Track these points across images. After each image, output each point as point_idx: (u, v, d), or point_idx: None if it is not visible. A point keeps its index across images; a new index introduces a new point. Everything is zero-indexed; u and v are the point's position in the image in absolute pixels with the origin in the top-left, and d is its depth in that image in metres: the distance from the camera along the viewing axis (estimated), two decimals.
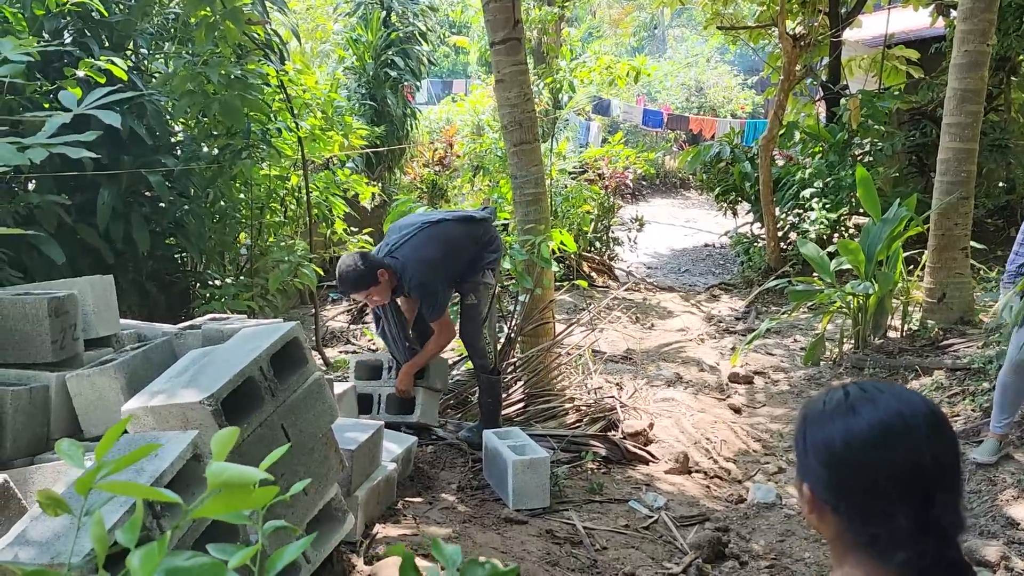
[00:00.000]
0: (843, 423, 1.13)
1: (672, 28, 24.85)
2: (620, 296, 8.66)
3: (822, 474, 1.15)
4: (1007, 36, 8.16)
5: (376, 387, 4.42)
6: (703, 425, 5.24)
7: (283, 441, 2.48)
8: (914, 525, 1.06)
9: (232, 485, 0.79)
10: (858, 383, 1.20)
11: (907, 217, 6.21)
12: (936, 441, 1.08)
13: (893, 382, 1.16)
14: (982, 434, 4.48)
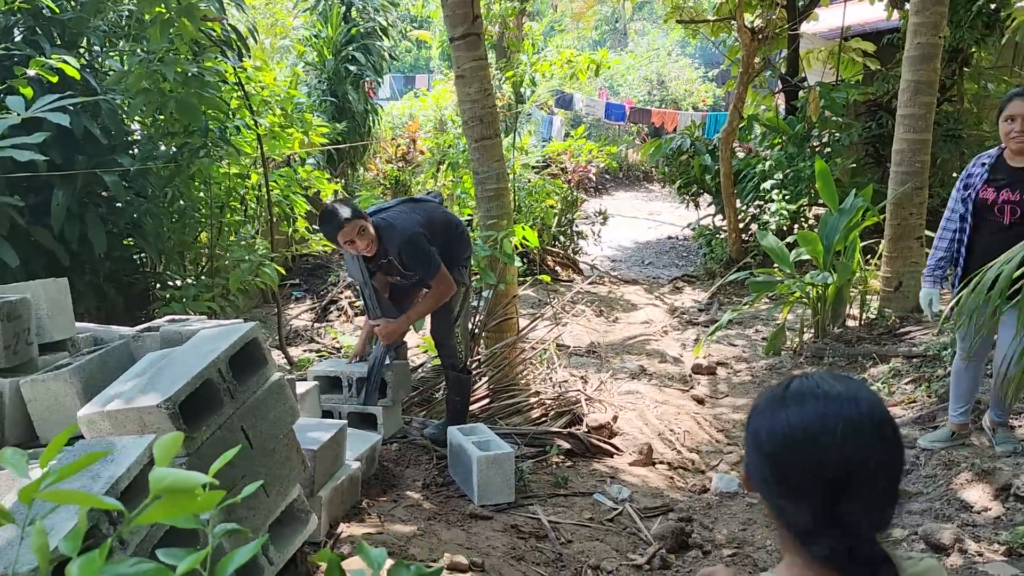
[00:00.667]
0: (770, 416, 1.18)
1: (634, 22, 24.97)
2: (584, 290, 8.71)
3: (751, 460, 1.21)
4: (959, 28, 8.32)
5: (336, 404, 4.37)
6: (667, 416, 5.29)
7: (243, 443, 2.46)
8: (820, 521, 1.11)
9: (175, 490, 0.78)
10: (808, 377, 1.22)
11: (864, 208, 6.32)
12: (855, 444, 1.11)
13: (851, 375, 1.21)
14: (938, 420, 4.59)
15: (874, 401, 1.17)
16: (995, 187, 3.76)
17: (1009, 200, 3.70)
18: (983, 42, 8.60)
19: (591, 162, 10.51)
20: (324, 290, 8.24)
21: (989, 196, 3.77)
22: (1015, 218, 3.67)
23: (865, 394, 1.17)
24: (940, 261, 4.01)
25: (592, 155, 10.51)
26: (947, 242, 3.97)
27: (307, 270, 8.86)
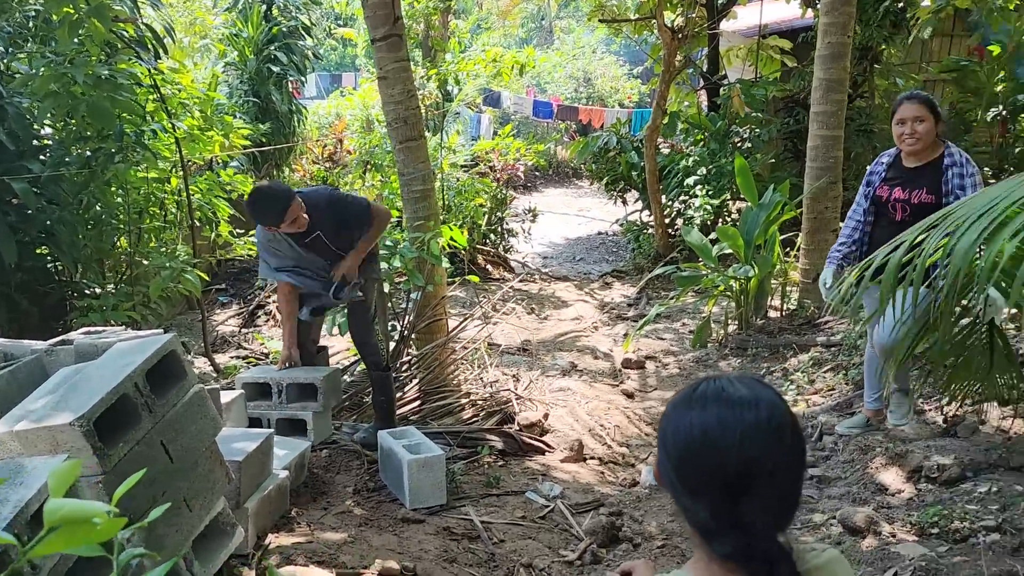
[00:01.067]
0: (677, 419, 1.22)
1: (559, 20, 25.15)
2: (515, 288, 8.75)
3: (660, 460, 1.25)
4: (868, 27, 8.64)
5: (265, 410, 4.30)
6: (597, 412, 5.37)
7: (163, 459, 2.41)
8: (721, 521, 1.15)
9: (73, 521, 0.77)
10: (715, 380, 1.25)
11: (782, 202, 6.52)
12: (754, 448, 1.14)
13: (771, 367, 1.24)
14: (855, 406, 4.76)
15: (775, 405, 1.20)
16: (890, 185, 3.95)
17: (899, 199, 3.88)
18: (891, 40, 8.95)
19: (519, 160, 10.56)
20: (251, 295, 8.09)
21: (884, 193, 3.96)
22: (905, 215, 3.86)
23: (767, 398, 1.20)
24: (841, 247, 4.19)
25: (520, 153, 10.57)
26: (850, 231, 4.16)
27: (233, 275, 8.68)
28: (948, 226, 2.63)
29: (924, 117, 3.79)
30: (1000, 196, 2.54)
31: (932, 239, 2.65)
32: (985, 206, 2.52)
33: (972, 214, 2.53)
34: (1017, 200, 2.44)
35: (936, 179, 3.79)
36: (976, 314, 3.38)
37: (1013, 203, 2.44)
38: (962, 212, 2.63)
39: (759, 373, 5.89)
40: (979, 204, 2.57)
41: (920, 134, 3.81)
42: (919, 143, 3.83)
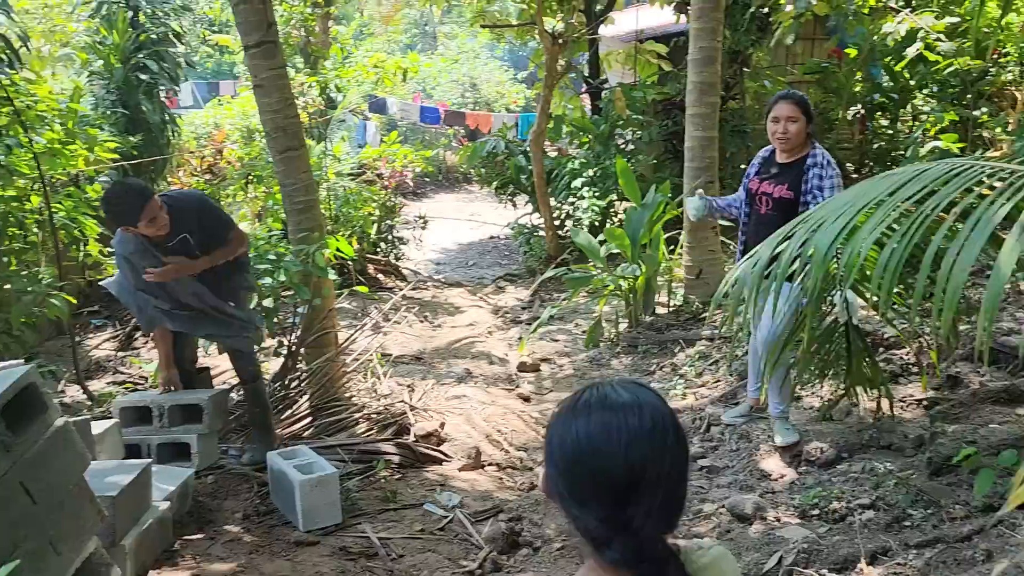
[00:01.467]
0: (561, 429, 1.21)
1: (443, 25, 25.13)
2: (408, 296, 8.66)
3: (548, 471, 1.24)
4: (736, 32, 9.00)
5: (145, 435, 4.09)
6: (494, 418, 5.36)
7: (24, 500, 2.24)
8: (609, 527, 1.15)
9: None
10: (599, 387, 1.25)
11: (663, 202, 6.70)
12: (638, 453, 1.15)
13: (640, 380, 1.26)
14: (739, 396, 4.94)
15: (657, 408, 1.21)
16: (760, 179, 4.14)
17: (765, 192, 4.07)
18: (759, 44, 9.36)
19: (407, 167, 10.46)
20: (128, 316, 7.68)
21: (754, 186, 4.15)
22: (768, 209, 4.05)
23: (650, 401, 1.21)
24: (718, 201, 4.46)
25: (408, 160, 10.47)
26: (732, 199, 4.39)
27: (108, 296, 8.20)
28: (810, 227, 2.74)
29: (796, 117, 3.96)
30: (857, 197, 2.67)
31: (796, 238, 2.75)
32: (843, 207, 2.64)
33: (831, 215, 2.64)
34: (872, 200, 2.57)
35: (798, 177, 3.97)
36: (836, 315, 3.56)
37: (867, 203, 2.57)
38: (821, 213, 2.74)
39: (650, 369, 6.04)
40: (838, 205, 2.70)
41: (791, 133, 3.98)
42: (790, 141, 4.00)
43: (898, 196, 2.50)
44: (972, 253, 2.14)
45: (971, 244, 2.15)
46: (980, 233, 2.16)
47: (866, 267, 3.06)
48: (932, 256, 2.24)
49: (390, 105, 17.08)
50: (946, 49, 8.05)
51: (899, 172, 2.68)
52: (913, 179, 2.55)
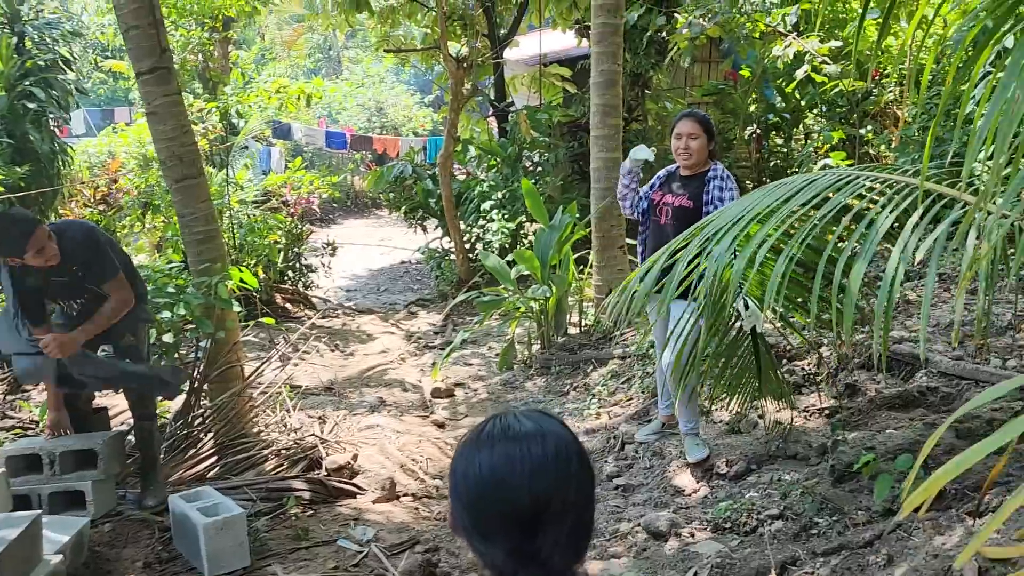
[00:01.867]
0: (465, 463, 1.20)
1: (347, 50, 24.95)
2: (317, 325, 8.48)
3: (453, 506, 1.22)
4: (637, 55, 9.24)
5: (35, 485, 3.84)
6: (408, 447, 5.28)
7: None
8: (516, 560, 1.14)
9: None
10: (502, 417, 1.24)
11: (571, 223, 6.78)
12: (542, 483, 1.14)
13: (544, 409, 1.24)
14: (651, 413, 5.01)
15: (561, 436, 1.20)
16: (661, 191, 4.25)
17: (667, 203, 4.17)
18: (658, 67, 9.62)
19: (313, 193, 10.29)
20: None
21: (656, 198, 4.25)
22: (668, 219, 4.15)
23: (553, 430, 1.20)
24: None
25: (314, 186, 10.30)
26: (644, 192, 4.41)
27: None
28: (707, 234, 2.79)
29: (697, 134, 4.09)
30: (750, 205, 2.74)
31: (693, 245, 2.80)
32: (737, 216, 2.71)
33: (727, 223, 2.71)
34: (766, 208, 2.65)
35: (699, 188, 4.10)
36: (741, 324, 3.65)
37: (760, 212, 2.65)
38: (718, 221, 2.81)
39: (563, 390, 6.07)
40: (732, 213, 2.77)
41: (693, 149, 4.10)
42: (692, 157, 4.12)
43: (791, 204, 2.59)
44: (864, 263, 2.22)
45: (863, 255, 2.24)
46: (871, 244, 2.25)
47: (763, 274, 3.15)
48: (824, 263, 2.32)
49: (295, 131, 16.82)
50: (832, 71, 8.46)
51: (791, 181, 2.77)
52: (805, 187, 2.65)
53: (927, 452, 1.31)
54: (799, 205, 2.54)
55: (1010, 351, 4.15)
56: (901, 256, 2.14)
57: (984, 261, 1.89)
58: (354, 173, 18.59)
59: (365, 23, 13.19)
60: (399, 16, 12.02)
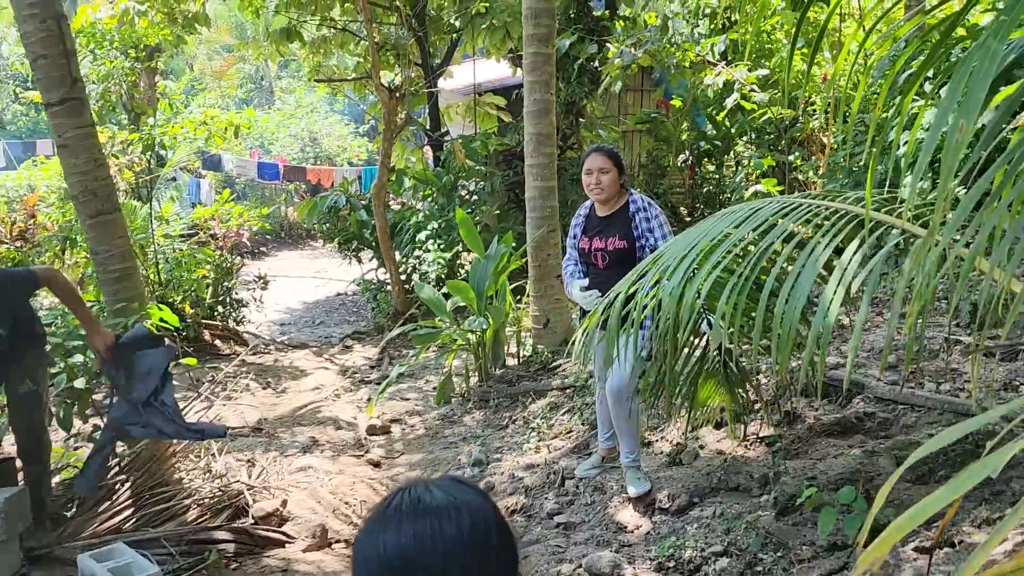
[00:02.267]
0: (368, 540, 1.07)
1: (280, 80, 24.64)
2: (247, 361, 8.19)
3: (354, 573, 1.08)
4: (570, 84, 9.27)
5: None
6: (342, 489, 5.06)
7: None
8: None
9: None
10: (410, 490, 1.11)
11: (507, 252, 6.69)
12: (458, 564, 1.03)
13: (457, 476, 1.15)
14: (591, 447, 4.90)
15: (477, 507, 1.08)
16: (588, 236, 4.16)
17: (598, 248, 4.09)
18: (591, 96, 9.67)
19: (243, 225, 10.00)
20: None
21: (585, 245, 4.16)
22: (606, 263, 4.07)
23: (467, 501, 1.08)
24: (569, 261, 4.29)
25: (243, 218, 10.02)
26: (573, 262, 4.27)
27: None
28: (657, 272, 2.73)
29: (608, 168, 4.04)
30: (698, 236, 2.69)
31: (645, 284, 2.74)
32: (687, 247, 2.65)
33: (676, 256, 2.66)
34: (714, 238, 2.60)
35: (626, 225, 4.03)
36: (706, 342, 3.60)
37: (711, 240, 2.60)
38: (668, 255, 2.75)
39: (502, 423, 5.93)
40: (682, 246, 2.71)
41: (604, 183, 4.04)
42: (604, 191, 4.06)
43: (740, 232, 2.55)
44: (804, 290, 2.17)
45: (802, 282, 2.19)
46: (810, 271, 2.21)
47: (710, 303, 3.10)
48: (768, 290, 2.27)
49: (225, 162, 16.45)
50: (760, 99, 8.61)
51: (736, 210, 2.73)
52: (751, 216, 2.61)
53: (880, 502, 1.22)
54: (749, 231, 2.50)
55: (943, 375, 4.18)
56: (839, 283, 2.09)
57: (921, 288, 1.84)
58: (287, 204, 18.25)
59: (297, 53, 13.02)
60: (331, 46, 11.88)
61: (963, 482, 1.09)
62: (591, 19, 9.44)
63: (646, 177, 10.32)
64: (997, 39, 1.14)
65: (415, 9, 10.59)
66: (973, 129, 1.19)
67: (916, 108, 5.75)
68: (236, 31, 19.93)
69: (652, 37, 8.44)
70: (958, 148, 1.16)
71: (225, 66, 21.53)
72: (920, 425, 3.81)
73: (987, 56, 1.14)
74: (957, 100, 1.19)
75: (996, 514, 2.72)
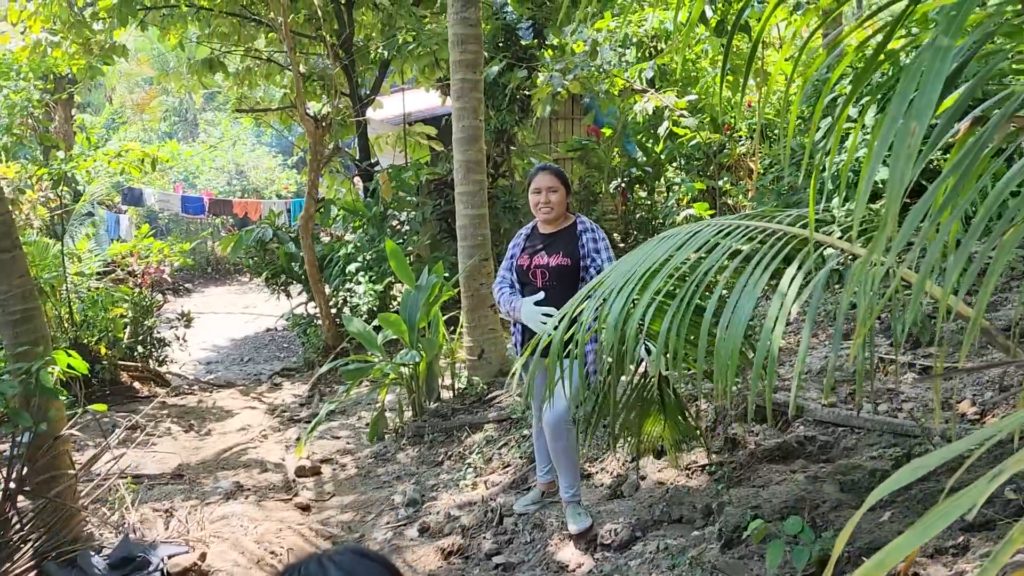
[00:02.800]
0: None
1: (204, 112, 24.09)
2: (168, 403, 7.79)
3: None
4: (499, 112, 9.21)
5: None
6: (268, 537, 4.77)
7: None
8: None
9: None
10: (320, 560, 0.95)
11: (439, 283, 6.51)
12: None
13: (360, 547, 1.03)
14: (530, 481, 4.73)
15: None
16: (529, 254, 4.03)
17: (540, 264, 3.97)
18: (522, 123, 9.64)
19: (163, 262, 9.60)
20: None
21: (525, 262, 4.03)
22: (546, 280, 3.95)
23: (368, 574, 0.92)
24: (503, 281, 4.10)
25: (163, 254, 9.62)
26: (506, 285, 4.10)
27: None
28: (600, 296, 2.61)
29: (556, 187, 3.96)
30: (639, 261, 2.59)
31: (588, 310, 2.62)
32: (628, 272, 2.55)
33: (618, 281, 2.54)
34: (657, 261, 2.50)
35: (571, 244, 3.93)
36: (645, 369, 3.49)
37: (652, 265, 2.49)
38: (610, 281, 2.64)
39: (437, 459, 5.72)
40: (623, 270, 2.60)
41: (554, 202, 3.95)
42: (553, 211, 3.97)
43: (680, 256, 2.46)
44: (745, 313, 2.08)
45: (742, 305, 2.10)
46: (750, 293, 2.12)
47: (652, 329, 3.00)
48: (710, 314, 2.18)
49: (147, 196, 15.90)
50: (689, 124, 8.69)
51: (675, 233, 2.64)
52: (690, 240, 2.52)
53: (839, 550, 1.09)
54: (689, 254, 2.40)
55: (880, 395, 4.16)
56: (781, 305, 1.99)
57: (866, 310, 1.75)
58: (213, 239, 17.73)
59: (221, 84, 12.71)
60: (256, 77, 11.62)
61: (936, 522, 0.97)
62: (519, 47, 9.43)
63: (579, 204, 10.30)
64: (948, 35, 1.05)
65: (341, 39, 10.43)
66: (921, 136, 1.10)
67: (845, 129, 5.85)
68: (157, 63, 19.40)
69: (581, 63, 8.45)
70: (910, 155, 1.06)
71: (147, 99, 20.94)
72: (860, 448, 3.76)
73: (938, 54, 1.05)
74: (908, 101, 1.09)
75: (947, 542, 2.65)
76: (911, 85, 1.11)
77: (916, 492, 3.07)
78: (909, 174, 1.06)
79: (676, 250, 2.45)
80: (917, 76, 1.09)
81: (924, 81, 1.05)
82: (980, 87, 1.56)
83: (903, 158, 1.04)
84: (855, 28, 2.82)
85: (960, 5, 1.10)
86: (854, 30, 2.62)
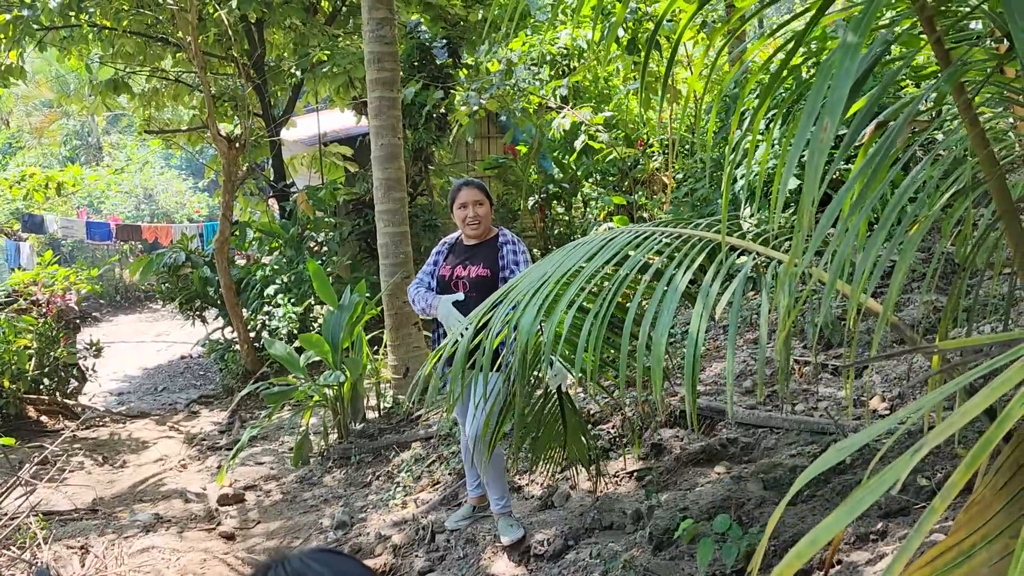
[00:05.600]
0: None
1: (108, 135, 23.26)
2: (79, 437, 7.46)
3: None
4: (417, 131, 9.22)
5: None
6: (191, 568, 4.61)
7: None
8: None
9: None
10: (290, 563, 0.94)
11: (361, 302, 6.45)
12: None
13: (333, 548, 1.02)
14: (461, 496, 4.72)
15: None
16: (450, 264, 4.06)
17: (460, 276, 4.00)
18: (440, 142, 9.67)
19: (69, 290, 9.21)
20: None
21: (446, 273, 4.04)
22: (466, 292, 3.97)
23: (344, 571, 0.92)
24: (421, 283, 4.10)
25: (69, 281, 9.23)
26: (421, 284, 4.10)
27: None
28: (510, 303, 2.62)
29: (482, 200, 4.00)
30: (550, 270, 2.61)
31: (497, 318, 2.62)
32: (539, 281, 2.56)
33: (529, 289, 2.56)
34: (566, 272, 2.53)
35: (492, 255, 3.97)
36: (546, 385, 3.52)
37: (563, 275, 2.52)
38: (520, 288, 2.65)
39: (366, 480, 5.65)
40: (534, 279, 2.62)
41: (481, 215, 3.99)
42: (481, 224, 4.00)
43: (595, 263, 2.49)
44: (667, 319, 2.13)
45: (664, 311, 2.15)
46: (671, 299, 2.17)
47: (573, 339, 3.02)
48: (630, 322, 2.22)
49: (49, 223, 15.22)
50: (605, 140, 8.88)
51: (589, 240, 2.68)
52: (605, 246, 2.56)
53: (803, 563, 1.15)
54: (603, 263, 2.44)
55: (796, 396, 4.33)
56: (703, 311, 2.06)
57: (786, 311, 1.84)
58: (122, 265, 17.10)
59: (126, 106, 12.33)
60: (164, 98, 11.32)
61: (864, 498, 1.03)
62: (435, 67, 9.48)
63: (499, 221, 10.38)
64: (857, 34, 1.13)
65: (253, 59, 10.28)
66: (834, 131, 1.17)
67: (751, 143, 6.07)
68: (56, 84, 18.67)
69: (497, 82, 8.55)
70: (824, 149, 1.13)
71: (46, 122, 20.09)
72: (780, 447, 3.90)
73: (848, 52, 1.12)
74: (822, 96, 1.16)
75: (868, 529, 2.78)
76: (825, 82, 1.19)
77: (835, 485, 3.21)
78: (823, 166, 1.13)
79: (588, 259, 2.49)
80: (829, 75, 1.17)
81: (835, 78, 1.13)
82: (883, 95, 1.67)
83: (817, 152, 1.11)
84: (759, 45, 2.96)
85: (868, 7, 1.19)
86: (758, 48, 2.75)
